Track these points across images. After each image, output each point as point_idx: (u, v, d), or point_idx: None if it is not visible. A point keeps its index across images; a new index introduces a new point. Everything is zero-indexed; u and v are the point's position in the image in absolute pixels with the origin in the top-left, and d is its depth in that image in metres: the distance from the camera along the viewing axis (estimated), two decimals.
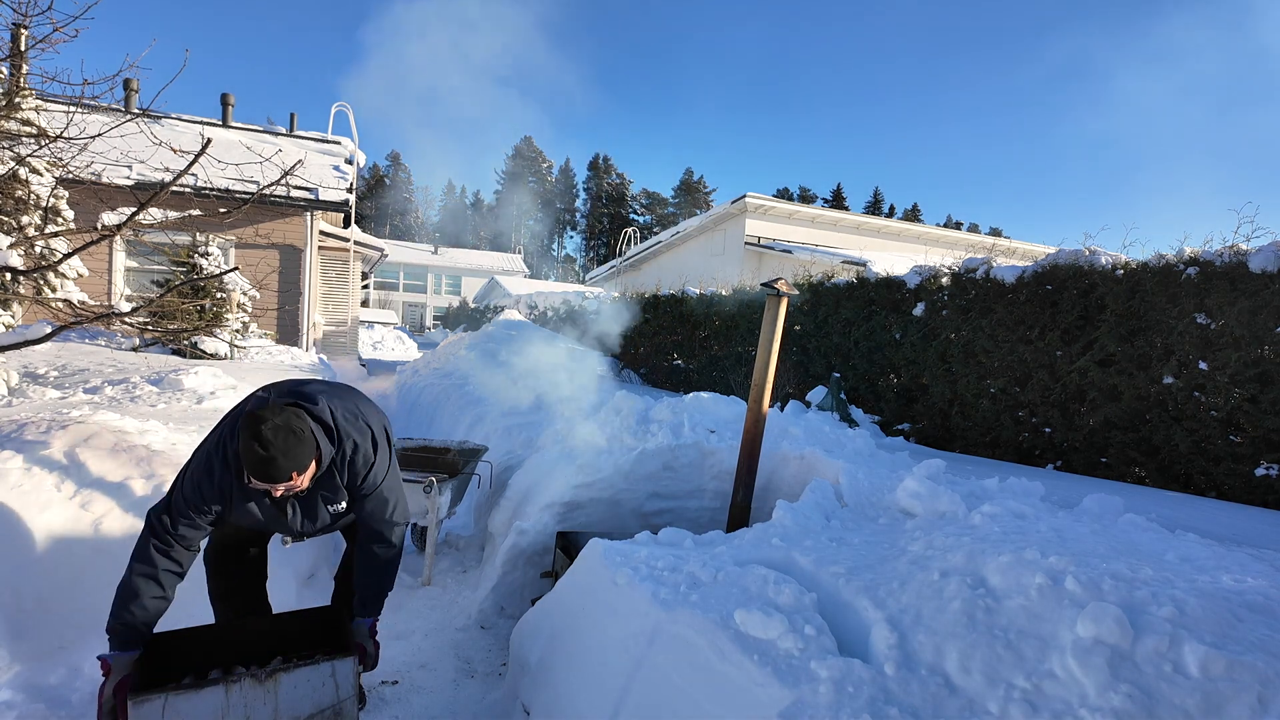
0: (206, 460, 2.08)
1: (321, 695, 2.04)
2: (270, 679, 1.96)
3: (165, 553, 2.01)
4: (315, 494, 2.19)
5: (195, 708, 1.86)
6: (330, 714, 2.06)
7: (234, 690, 1.92)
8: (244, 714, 1.94)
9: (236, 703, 1.92)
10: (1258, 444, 4.19)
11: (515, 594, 3.44)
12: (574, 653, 2.22)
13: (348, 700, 2.08)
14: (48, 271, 6.83)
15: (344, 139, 15.10)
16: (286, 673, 1.99)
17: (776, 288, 3.08)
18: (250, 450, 1.92)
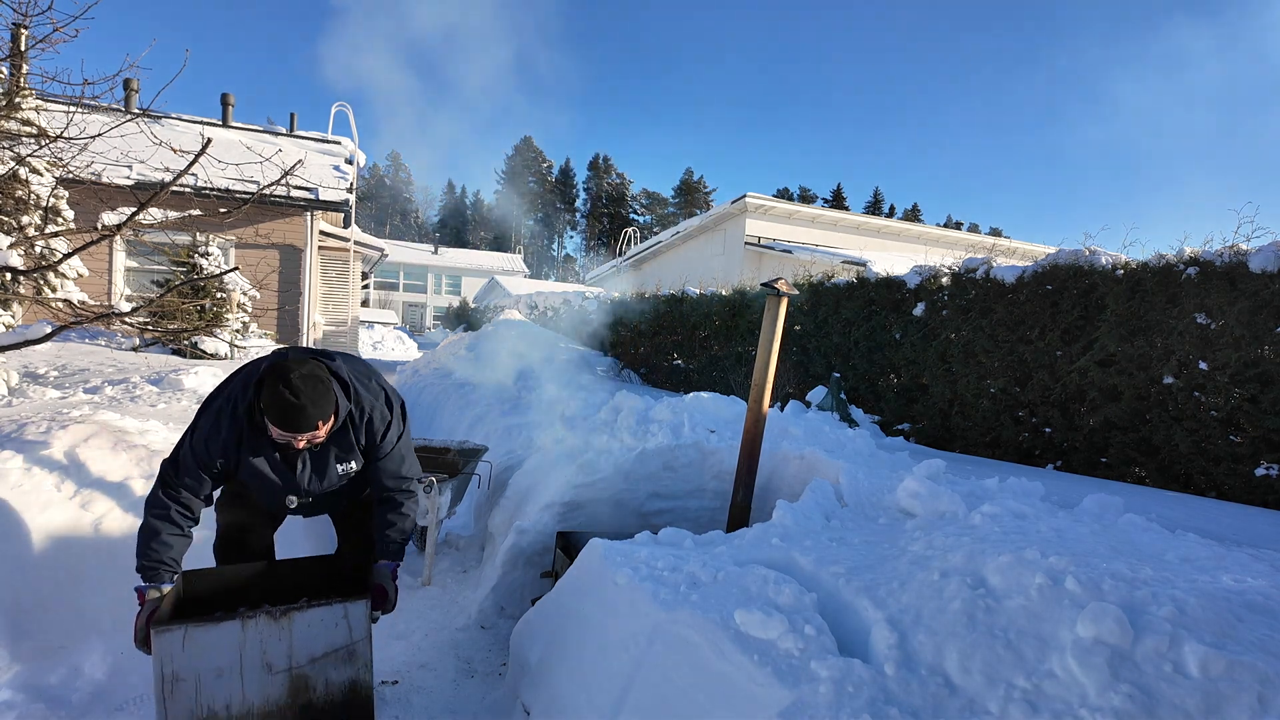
0: (215, 418, 2.12)
1: (335, 636, 2.11)
2: (284, 617, 2.05)
3: (174, 498, 2.10)
4: (328, 451, 2.24)
5: (213, 640, 1.96)
6: (344, 654, 2.13)
7: (250, 626, 2.00)
8: (260, 650, 2.02)
9: (253, 638, 2.01)
10: (1258, 444, 4.19)
11: (515, 594, 3.44)
12: (574, 653, 2.22)
13: (360, 642, 2.15)
14: (48, 271, 6.83)
15: (344, 139, 15.11)
16: (300, 612, 2.06)
17: (776, 288, 3.08)
18: (280, 399, 1.97)
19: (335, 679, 2.14)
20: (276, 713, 2.08)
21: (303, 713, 2.11)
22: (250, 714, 2.04)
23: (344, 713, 2.17)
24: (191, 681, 1.96)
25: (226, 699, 2.01)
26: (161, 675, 1.93)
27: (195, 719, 1.98)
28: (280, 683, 2.07)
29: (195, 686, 1.97)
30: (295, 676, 2.09)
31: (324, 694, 2.13)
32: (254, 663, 2.03)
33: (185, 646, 1.93)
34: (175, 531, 2.09)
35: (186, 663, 1.95)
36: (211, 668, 1.97)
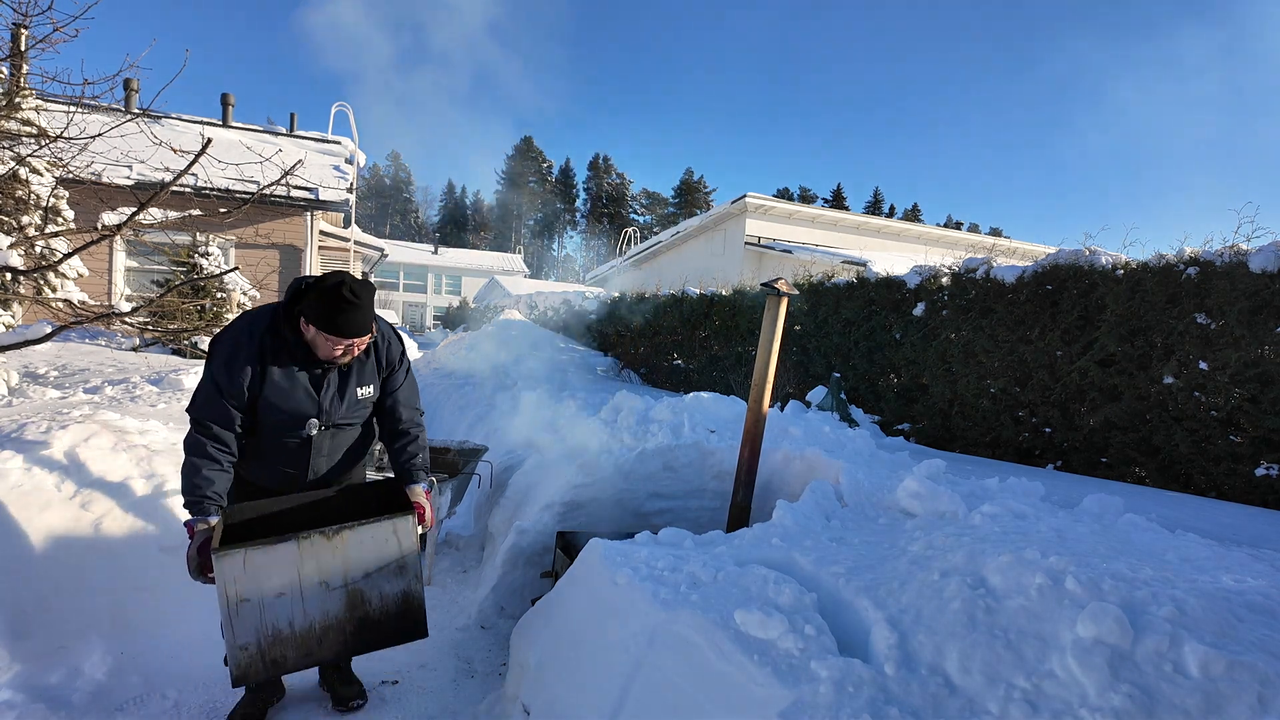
0: (233, 344, 2.19)
1: (385, 550, 2.20)
2: (337, 536, 2.12)
3: (207, 434, 2.16)
4: (351, 373, 2.35)
5: (272, 561, 2.03)
6: (395, 567, 2.23)
7: (305, 545, 2.07)
8: (316, 568, 2.10)
9: (309, 557, 2.08)
10: (1258, 444, 4.19)
11: (515, 594, 3.44)
12: (574, 653, 2.22)
13: (410, 554, 2.24)
14: (48, 271, 6.83)
15: (344, 139, 15.11)
16: (351, 530, 2.14)
17: (776, 288, 3.08)
18: (342, 302, 2.11)
19: (388, 591, 2.24)
20: (336, 627, 2.16)
21: (360, 625, 2.21)
22: (312, 630, 2.12)
23: (398, 623, 2.27)
24: (256, 602, 2.02)
25: (289, 617, 2.09)
26: (227, 598, 1.99)
27: (261, 637, 2.05)
28: (338, 598, 2.16)
29: (259, 607, 2.03)
30: (351, 592, 2.18)
31: (379, 606, 2.22)
32: (311, 581, 2.11)
33: (246, 568, 1.99)
34: (214, 467, 2.15)
35: (249, 584, 2.01)
36: (273, 588, 2.05)
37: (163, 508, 3.11)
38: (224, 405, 2.17)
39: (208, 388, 2.19)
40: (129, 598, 2.83)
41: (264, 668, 2.07)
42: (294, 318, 2.21)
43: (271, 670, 2.09)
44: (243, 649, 2.03)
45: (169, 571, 3.00)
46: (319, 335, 2.16)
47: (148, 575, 2.92)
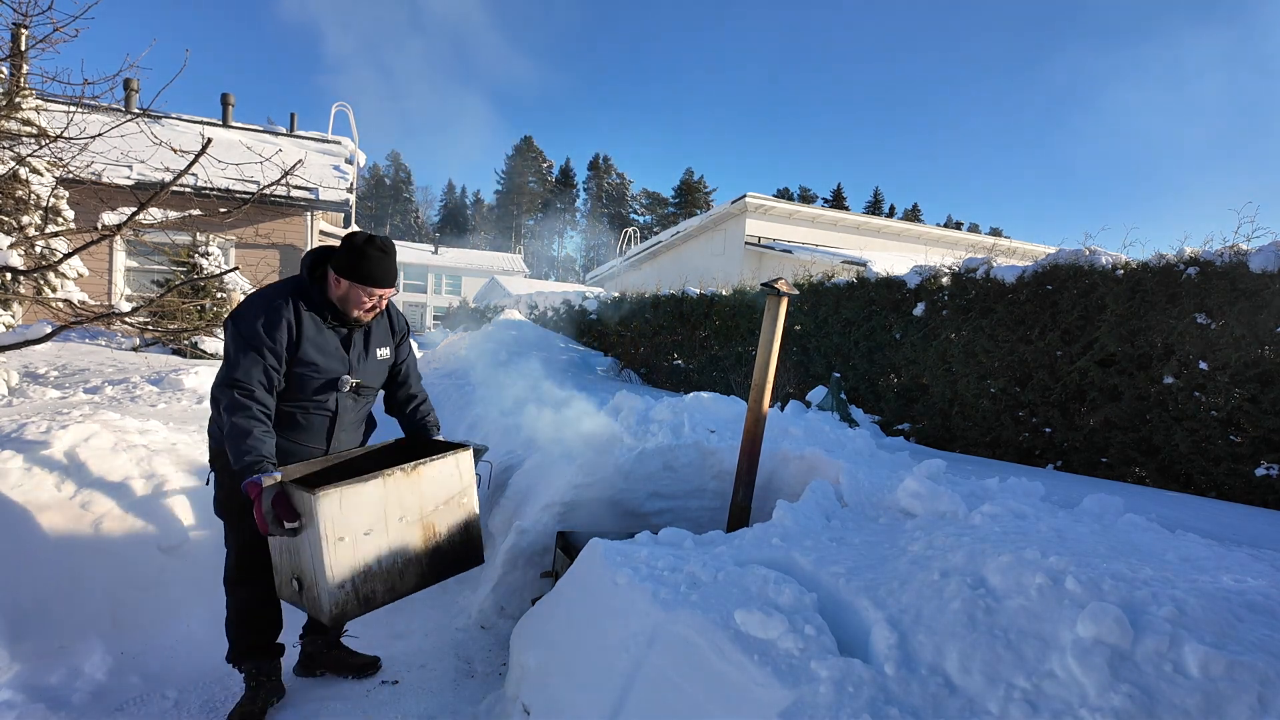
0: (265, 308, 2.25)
1: (451, 484, 2.39)
2: (415, 472, 2.27)
3: (251, 397, 2.19)
4: (370, 335, 2.49)
5: (363, 498, 2.14)
6: (458, 500, 2.42)
7: (390, 482, 2.21)
8: (397, 504, 2.24)
9: (393, 492, 2.22)
10: (1258, 444, 4.19)
11: (515, 594, 3.44)
12: (574, 653, 2.22)
13: (469, 487, 2.45)
14: (48, 271, 6.83)
15: (344, 139, 15.12)
16: (425, 465, 2.31)
17: (776, 288, 3.08)
18: (375, 253, 2.29)
19: (454, 522, 2.40)
20: (414, 559, 2.29)
21: (433, 556, 2.35)
22: (395, 564, 2.23)
23: (462, 550, 2.44)
24: (349, 541, 2.11)
25: (376, 552, 2.18)
26: (325, 536, 2.04)
27: (355, 575, 2.13)
28: (415, 532, 2.29)
29: (352, 545, 2.12)
30: (425, 525, 2.32)
31: (446, 537, 2.38)
32: (394, 516, 2.23)
33: (341, 507, 2.08)
34: (263, 428, 2.18)
35: (344, 523, 2.09)
36: (363, 525, 2.14)
37: (163, 508, 3.11)
38: (265, 367, 2.23)
39: (246, 352, 2.21)
40: (129, 598, 2.83)
41: (358, 604, 2.15)
42: (319, 280, 2.36)
43: (363, 607, 2.17)
44: (340, 587, 2.09)
45: (169, 571, 3.01)
46: (353, 289, 2.31)
47: (148, 575, 2.92)
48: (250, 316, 2.25)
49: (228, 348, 2.26)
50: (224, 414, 2.18)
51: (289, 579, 2.20)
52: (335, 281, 2.33)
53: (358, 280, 2.29)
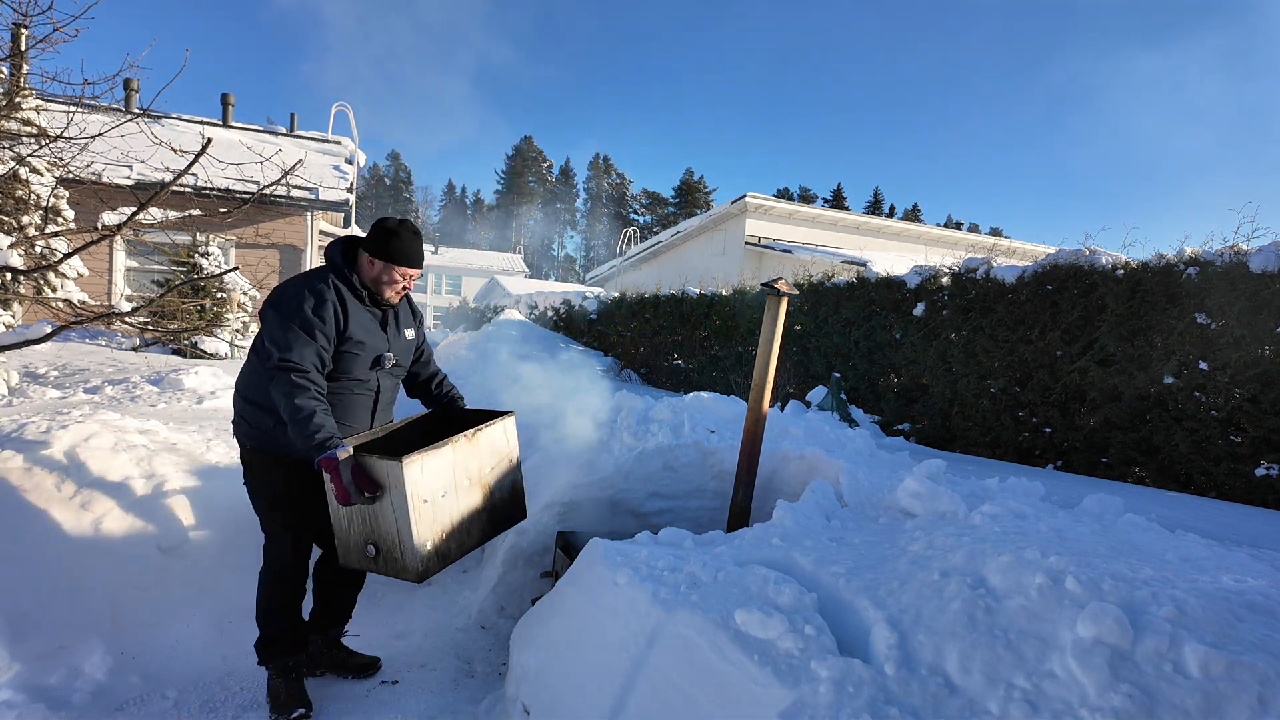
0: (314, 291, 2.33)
1: (501, 446, 2.61)
2: (476, 437, 2.47)
3: (307, 376, 2.24)
4: (398, 315, 2.62)
5: (437, 463, 2.30)
6: (507, 461, 2.64)
7: (457, 448, 2.38)
8: (464, 467, 2.43)
9: (460, 458, 2.40)
10: (1258, 444, 4.18)
11: (515, 594, 3.44)
12: (574, 653, 2.22)
13: (514, 450, 2.67)
14: (48, 271, 6.83)
15: (344, 139, 15.11)
16: (483, 431, 2.51)
17: (776, 288, 3.08)
18: (407, 234, 2.45)
19: (505, 482, 2.62)
20: (476, 518, 2.47)
21: (491, 513, 2.55)
22: (463, 522, 2.42)
23: (510, 507, 2.66)
24: (430, 503, 2.26)
25: (450, 514, 2.35)
26: (411, 501, 2.17)
27: (434, 534, 2.28)
28: (477, 492, 2.48)
29: (432, 507, 2.27)
30: (484, 485, 2.52)
31: (499, 496, 2.59)
32: (461, 478, 2.41)
33: (423, 472, 2.22)
34: (324, 407, 2.25)
35: (425, 487, 2.24)
36: (439, 488, 2.31)
37: (163, 508, 3.11)
38: (316, 349, 2.29)
39: (296, 335, 2.25)
40: (129, 598, 2.83)
41: (438, 561, 2.31)
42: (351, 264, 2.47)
43: (440, 563, 2.32)
44: (422, 546, 2.23)
45: (169, 571, 3.01)
46: (385, 269, 2.43)
47: (148, 575, 2.92)
48: (296, 300, 2.30)
49: (272, 334, 2.27)
50: (282, 398, 2.20)
51: (361, 546, 2.30)
52: (369, 263, 2.44)
53: (391, 260, 2.42)
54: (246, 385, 2.49)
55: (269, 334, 2.29)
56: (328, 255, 2.50)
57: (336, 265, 2.45)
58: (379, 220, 2.47)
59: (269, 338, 2.28)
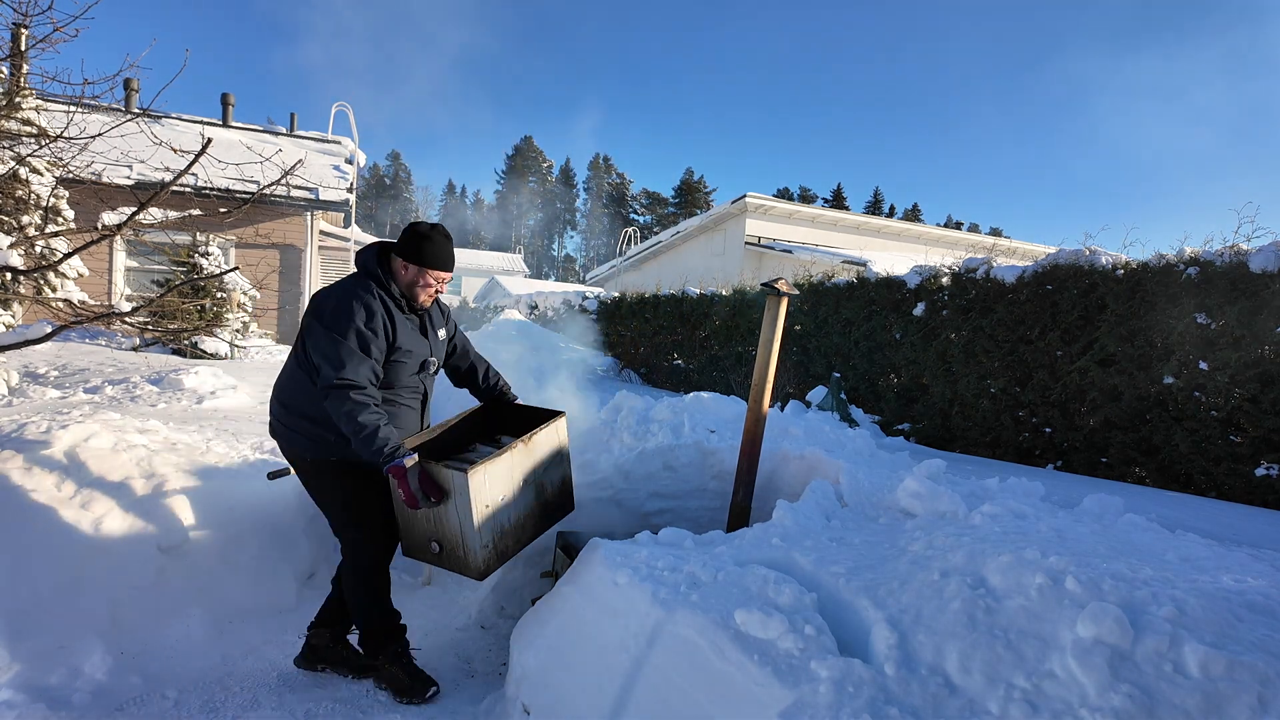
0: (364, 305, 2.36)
1: (552, 445, 2.69)
2: (530, 440, 2.56)
3: (364, 391, 2.30)
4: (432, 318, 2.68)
5: (498, 471, 2.42)
6: (556, 459, 2.73)
7: (515, 454, 2.50)
8: (521, 469, 2.53)
9: (517, 461, 2.51)
10: (1258, 444, 4.19)
11: (515, 594, 3.43)
12: (574, 652, 2.22)
13: (564, 447, 2.77)
14: (48, 271, 6.83)
15: (344, 139, 15.10)
16: (537, 434, 2.60)
17: (776, 288, 3.08)
18: (439, 238, 2.51)
19: (556, 478, 2.73)
20: (531, 515, 2.59)
21: (542, 510, 2.66)
22: (519, 520, 2.53)
23: (560, 502, 2.78)
24: (491, 506, 2.38)
25: (507, 515, 2.48)
26: (473, 507, 2.30)
27: (495, 535, 2.41)
28: (531, 491, 2.59)
29: (493, 509, 2.39)
30: (538, 484, 2.62)
31: (550, 492, 2.70)
32: (517, 480, 2.52)
33: (486, 479, 2.35)
34: (385, 420, 2.32)
35: (488, 492, 2.36)
36: (498, 492, 2.42)
37: (163, 507, 3.11)
38: (371, 363, 2.35)
39: (351, 351, 2.29)
40: (129, 598, 2.83)
41: (497, 559, 2.44)
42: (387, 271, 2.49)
43: (499, 561, 2.46)
44: (484, 547, 2.37)
45: (169, 571, 3.00)
46: (419, 273, 2.48)
47: (148, 575, 2.92)
48: (346, 314, 2.32)
49: (325, 351, 2.29)
50: (344, 416, 2.26)
51: (425, 542, 2.48)
52: (403, 268, 2.48)
53: (424, 263, 2.47)
54: (297, 399, 2.48)
55: (321, 351, 2.30)
56: (363, 264, 2.50)
57: (376, 274, 2.46)
58: (411, 225, 2.51)
59: (322, 354, 2.29)
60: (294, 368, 2.49)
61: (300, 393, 2.46)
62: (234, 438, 4.11)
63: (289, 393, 2.51)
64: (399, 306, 2.49)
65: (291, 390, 2.50)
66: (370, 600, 2.64)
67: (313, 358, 2.34)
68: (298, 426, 2.49)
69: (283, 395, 2.53)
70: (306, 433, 2.48)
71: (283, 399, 2.53)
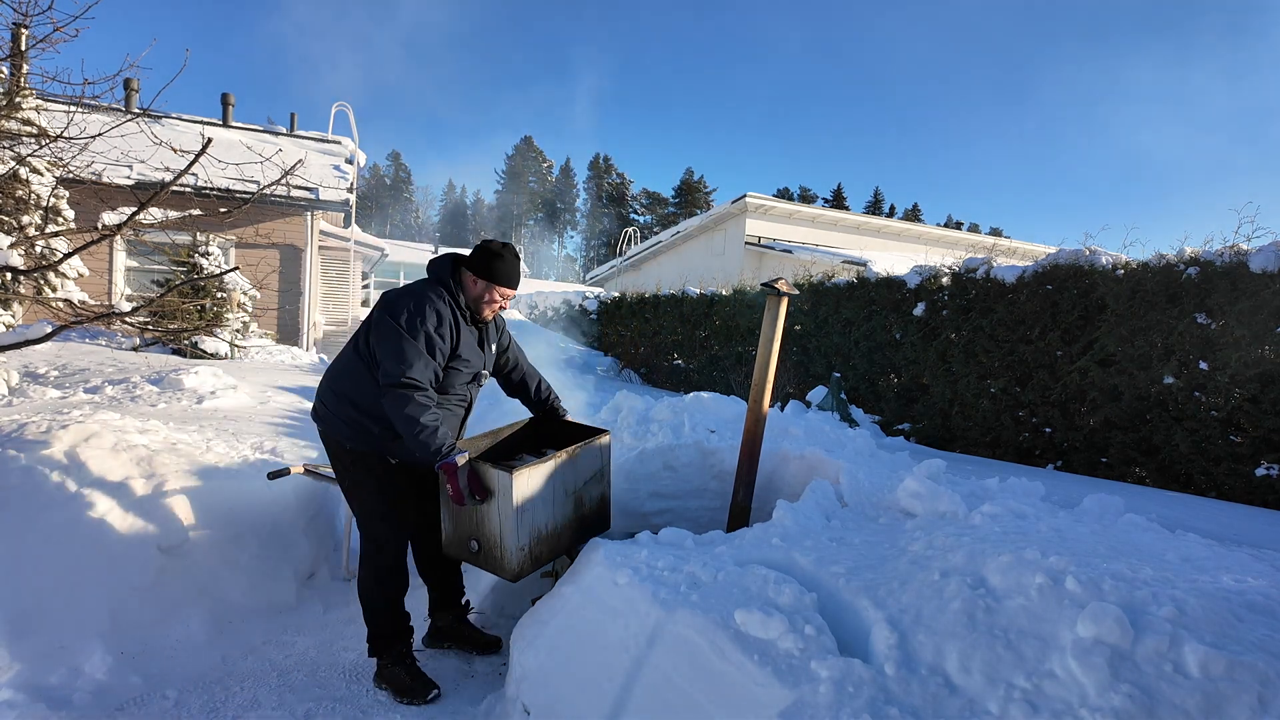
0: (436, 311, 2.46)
1: (594, 463, 2.78)
2: (573, 453, 2.65)
3: (425, 393, 2.40)
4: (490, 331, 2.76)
5: (541, 476, 2.50)
6: (597, 476, 2.81)
7: (559, 463, 2.58)
8: (561, 479, 2.61)
9: (558, 470, 2.59)
10: (1258, 444, 4.19)
11: (515, 594, 3.43)
12: (574, 652, 2.22)
13: (606, 466, 2.85)
14: (48, 271, 6.83)
15: (344, 139, 15.10)
16: (582, 448, 2.69)
17: (776, 287, 3.08)
18: (510, 257, 2.61)
19: (594, 495, 2.80)
20: (568, 525, 2.67)
21: (579, 523, 2.73)
22: (556, 528, 2.61)
23: (597, 518, 2.85)
24: (529, 510, 2.47)
25: (544, 519, 2.55)
26: (514, 507, 2.39)
27: (531, 538, 2.50)
28: (570, 502, 2.67)
29: (531, 513, 2.48)
30: (577, 496, 2.70)
31: (588, 507, 2.77)
32: (557, 489, 2.60)
33: (527, 482, 2.44)
34: (441, 421, 2.42)
35: (527, 495, 2.45)
36: (537, 496, 2.50)
37: (163, 507, 3.11)
38: (435, 366, 2.45)
39: (419, 353, 2.39)
40: (129, 597, 2.83)
41: (531, 563, 2.51)
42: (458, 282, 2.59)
43: (533, 565, 2.53)
44: (520, 549, 2.45)
45: (169, 571, 3.00)
46: (488, 289, 2.58)
47: (147, 575, 2.92)
48: (420, 317, 2.42)
49: (395, 349, 2.38)
50: (403, 415, 2.35)
51: (465, 540, 2.56)
52: (473, 282, 2.59)
53: (494, 280, 2.57)
54: (349, 388, 2.56)
55: (391, 348, 2.38)
56: (436, 273, 2.60)
57: (448, 283, 2.57)
58: (485, 243, 2.62)
59: (391, 352, 2.38)
60: (352, 358, 2.57)
61: (355, 383, 2.54)
62: (234, 438, 4.11)
63: (343, 381, 2.58)
64: (464, 317, 2.59)
65: (346, 380, 2.58)
66: (385, 601, 2.69)
67: (378, 353, 2.43)
68: (344, 414, 2.56)
69: (336, 383, 2.60)
70: (351, 421, 2.55)
71: (336, 387, 2.60)
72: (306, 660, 2.91)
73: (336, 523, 4.09)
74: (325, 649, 3.02)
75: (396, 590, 2.72)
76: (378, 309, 2.49)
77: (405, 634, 2.74)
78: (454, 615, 3.02)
